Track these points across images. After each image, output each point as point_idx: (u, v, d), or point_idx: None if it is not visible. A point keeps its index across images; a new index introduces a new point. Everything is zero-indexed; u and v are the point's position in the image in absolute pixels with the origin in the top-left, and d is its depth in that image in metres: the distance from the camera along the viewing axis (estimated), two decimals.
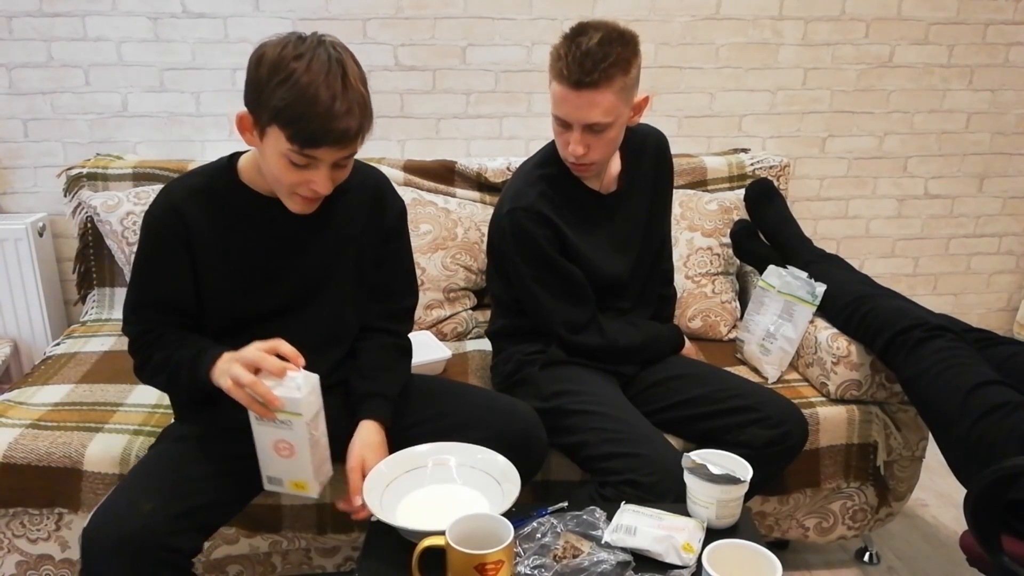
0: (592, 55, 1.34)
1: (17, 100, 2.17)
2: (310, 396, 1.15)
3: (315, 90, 1.10)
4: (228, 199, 1.27)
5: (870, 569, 1.88)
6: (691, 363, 1.68)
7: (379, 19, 2.20)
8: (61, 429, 1.53)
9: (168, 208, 1.25)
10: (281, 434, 1.17)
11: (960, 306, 2.71)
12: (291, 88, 1.10)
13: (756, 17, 2.33)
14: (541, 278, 1.54)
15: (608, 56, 1.34)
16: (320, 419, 1.20)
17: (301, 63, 1.10)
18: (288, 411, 1.14)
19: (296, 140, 1.12)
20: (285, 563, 1.63)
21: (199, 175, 1.29)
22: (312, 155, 1.14)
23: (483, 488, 1.24)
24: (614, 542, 1.12)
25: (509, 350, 1.66)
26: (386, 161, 2.15)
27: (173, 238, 1.24)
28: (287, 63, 1.10)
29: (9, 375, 2.17)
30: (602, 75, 1.35)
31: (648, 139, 1.66)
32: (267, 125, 1.14)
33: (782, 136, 2.46)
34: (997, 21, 2.42)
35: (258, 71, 1.13)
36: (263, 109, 1.13)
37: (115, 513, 1.15)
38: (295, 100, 1.10)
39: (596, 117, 1.38)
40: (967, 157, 2.56)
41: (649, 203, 1.65)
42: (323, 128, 1.11)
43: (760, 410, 1.47)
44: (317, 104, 1.09)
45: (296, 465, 1.20)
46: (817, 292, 1.74)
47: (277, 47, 1.12)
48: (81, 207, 2.07)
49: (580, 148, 1.42)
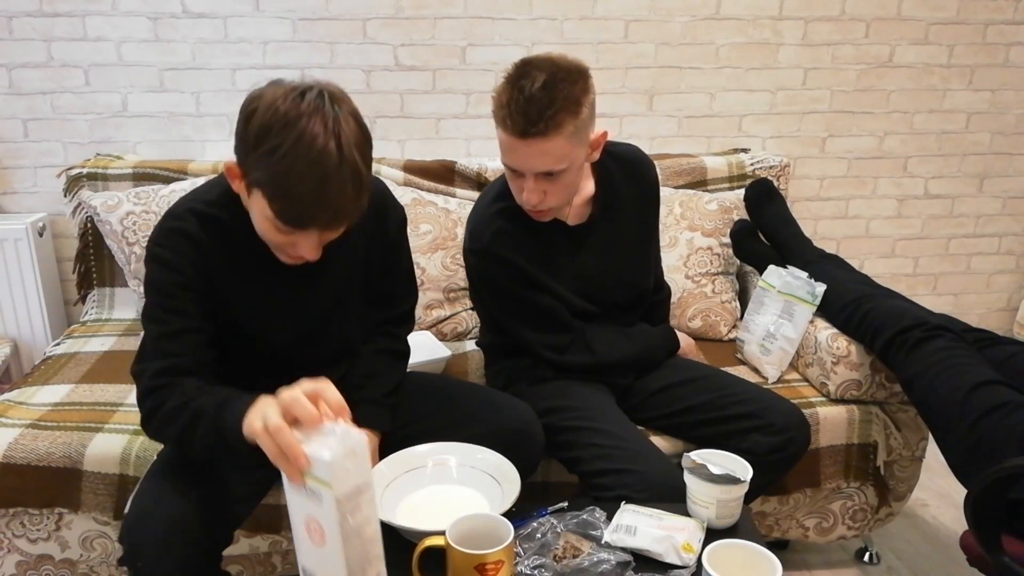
0: (536, 102, 1.24)
1: (17, 100, 2.17)
2: (346, 462, 0.87)
3: (302, 169, 1.00)
4: (237, 229, 1.19)
5: (870, 569, 1.88)
6: (692, 367, 1.65)
7: (379, 19, 2.20)
8: (61, 429, 1.53)
9: (177, 233, 1.17)
10: (311, 509, 0.90)
11: (960, 306, 2.71)
12: (278, 163, 1.00)
13: (756, 17, 2.33)
14: (513, 311, 1.52)
15: (554, 101, 1.25)
16: (366, 502, 0.91)
17: (290, 133, 1.00)
18: (316, 476, 0.88)
19: (280, 217, 1.05)
20: (285, 563, 1.63)
21: (204, 203, 1.20)
22: (298, 231, 1.08)
23: (483, 488, 1.24)
24: (614, 542, 1.12)
25: (499, 364, 1.66)
26: (386, 161, 2.15)
27: (187, 264, 1.17)
28: (277, 130, 1.01)
29: (9, 375, 2.17)
30: (549, 123, 1.25)
31: (627, 162, 1.58)
32: (252, 187, 1.07)
33: (782, 136, 2.46)
34: (997, 21, 2.42)
35: (247, 129, 1.04)
36: (249, 170, 1.06)
37: (163, 501, 1.13)
38: (281, 178, 1.01)
39: (548, 166, 1.30)
40: (967, 157, 2.56)
41: (630, 229, 1.58)
42: (308, 213, 1.04)
43: (762, 417, 1.45)
44: (303, 185, 1.01)
45: (328, 558, 0.91)
46: (817, 292, 1.74)
47: (269, 108, 1.02)
48: (81, 207, 2.07)
49: (535, 197, 1.35)
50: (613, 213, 1.56)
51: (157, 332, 1.17)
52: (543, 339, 1.53)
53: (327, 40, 2.20)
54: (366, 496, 0.91)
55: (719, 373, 1.64)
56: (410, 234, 1.97)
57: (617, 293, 1.59)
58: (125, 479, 1.49)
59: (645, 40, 2.32)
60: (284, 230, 1.08)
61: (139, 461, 1.48)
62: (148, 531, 1.12)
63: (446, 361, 1.83)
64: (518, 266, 1.47)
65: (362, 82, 2.24)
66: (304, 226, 1.07)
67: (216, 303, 1.20)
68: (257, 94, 1.05)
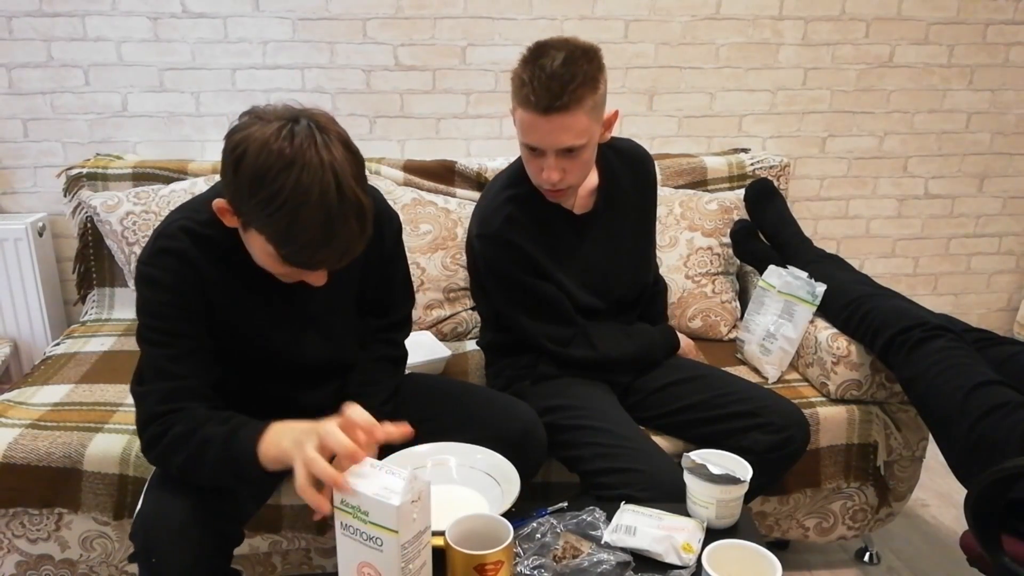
0: (559, 77, 1.28)
1: (17, 100, 2.17)
2: (412, 508, 0.88)
3: (306, 217, 0.98)
4: (230, 248, 1.16)
5: (870, 569, 1.88)
6: (692, 366, 1.66)
7: (379, 19, 2.20)
8: (61, 429, 1.53)
9: (171, 252, 1.14)
10: (367, 555, 0.90)
11: (960, 306, 2.71)
12: (278, 212, 0.98)
13: (756, 17, 2.33)
14: (518, 300, 1.52)
15: (575, 76, 1.29)
16: (425, 548, 0.92)
17: (288, 179, 0.97)
18: (376, 523, 0.87)
19: (288, 261, 1.04)
20: (285, 563, 1.63)
21: (193, 219, 1.17)
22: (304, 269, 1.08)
23: (483, 488, 1.24)
24: (614, 542, 1.12)
25: (499, 364, 1.66)
26: (386, 161, 2.15)
27: (184, 284, 1.15)
28: (272, 176, 0.97)
29: (9, 375, 2.17)
30: (571, 97, 1.29)
31: (628, 156, 1.62)
32: (250, 228, 1.05)
33: (782, 136, 2.46)
34: (997, 21, 2.42)
35: (237, 175, 1.00)
36: (246, 215, 1.04)
37: (177, 496, 1.13)
38: (284, 228, 0.99)
39: (570, 141, 1.33)
40: (967, 157, 2.56)
41: (631, 221, 1.61)
42: (318, 258, 1.04)
43: (762, 415, 1.46)
44: (308, 234, 0.99)
45: None
46: (817, 292, 1.74)
47: (261, 151, 0.98)
48: (81, 207, 2.07)
49: (556, 174, 1.37)
50: (616, 204, 1.58)
51: (157, 354, 1.14)
52: (546, 330, 1.53)
53: (327, 40, 2.20)
54: (424, 540, 0.92)
55: (719, 372, 1.64)
56: (410, 234, 1.99)
57: (620, 286, 1.61)
58: (125, 479, 1.49)
59: (645, 40, 2.32)
60: (290, 270, 1.08)
61: (139, 461, 1.48)
62: (162, 526, 1.11)
63: (446, 361, 1.83)
64: (526, 253, 1.49)
65: (362, 82, 2.24)
66: (313, 268, 1.07)
67: (211, 319, 1.19)
68: (243, 135, 1.00)
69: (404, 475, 0.89)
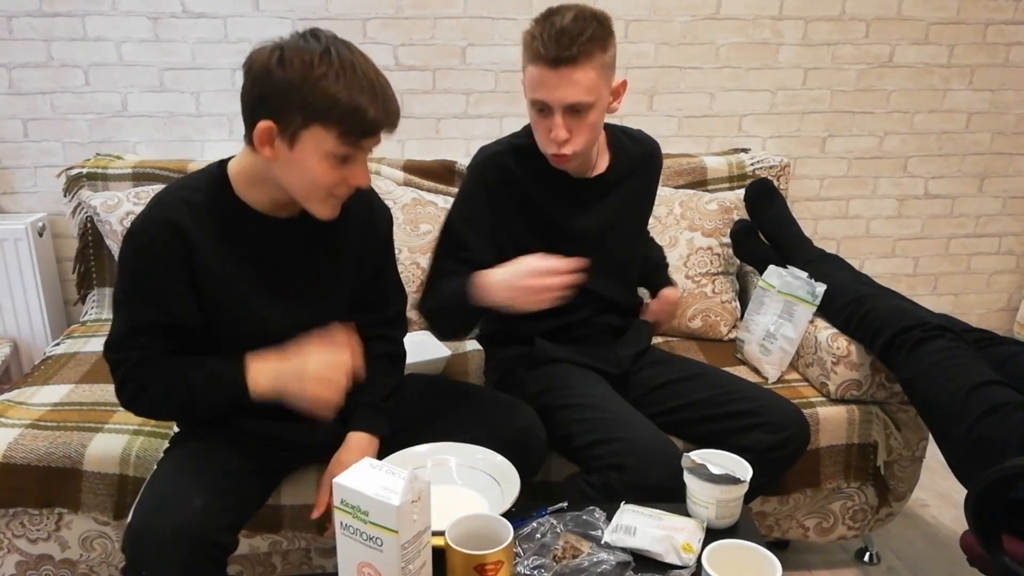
0: (568, 31, 1.30)
1: (17, 100, 2.17)
2: (413, 508, 0.89)
3: (357, 79, 1.08)
4: (225, 214, 1.21)
5: (870, 569, 1.88)
6: (693, 364, 1.66)
7: (379, 19, 2.20)
8: (61, 429, 1.53)
9: (165, 222, 1.16)
10: (367, 555, 0.90)
11: (960, 306, 2.71)
12: (343, 80, 1.07)
13: (756, 17, 2.33)
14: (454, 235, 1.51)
15: (584, 31, 1.30)
16: (425, 549, 0.93)
17: (334, 60, 1.07)
18: (376, 523, 0.88)
19: (351, 135, 1.10)
20: (285, 563, 1.63)
21: (191, 189, 1.21)
22: (363, 145, 1.13)
23: (483, 488, 1.24)
24: (614, 542, 1.12)
25: (497, 356, 1.66)
26: (386, 161, 2.15)
27: (171, 255, 1.16)
28: (318, 63, 1.06)
29: (9, 375, 2.17)
30: (580, 50, 1.30)
31: (640, 140, 1.65)
32: (302, 128, 1.09)
33: (782, 136, 2.46)
34: (997, 21, 2.42)
35: (285, 73, 1.07)
36: (298, 111, 1.08)
37: (166, 507, 1.13)
38: (353, 92, 1.07)
39: (578, 96, 1.33)
40: (967, 157, 2.56)
41: (634, 202, 1.64)
42: (377, 119, 1.10)
43: (762, 415, 1.46)
44: (364, 91, 1.08)
45: None
46: (817, 292, 1.74)
47: (295, 46, 1.08)
48: (81, 207, 2.07)
49: (563, 132, 1.36)
50: (623, 179, 1.59)
51: (130, 323, 1.20)
52: (435, 264, 1.52)
53: None
54: (424, 540, 0.92)
55: (719, 371, 1.64)
56: (410, 234, 1.99)
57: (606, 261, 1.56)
58: (125, 479, 1.49)
59: (645, 40, 2.32)
60: (345, 152, 1.12)
61: (139, 461, 1.48)
62: (152, 538, 1.11)
63: (446, 361, 1.83)
64: (518, 185, 1.49)
65: None
66: (377, 129, 1.12)
67: (201, 293, 1.21)
68: (269, 51, 1.09)
69: (404, 475, 0.89)
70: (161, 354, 1.20)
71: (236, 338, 1.25)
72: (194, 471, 1.22)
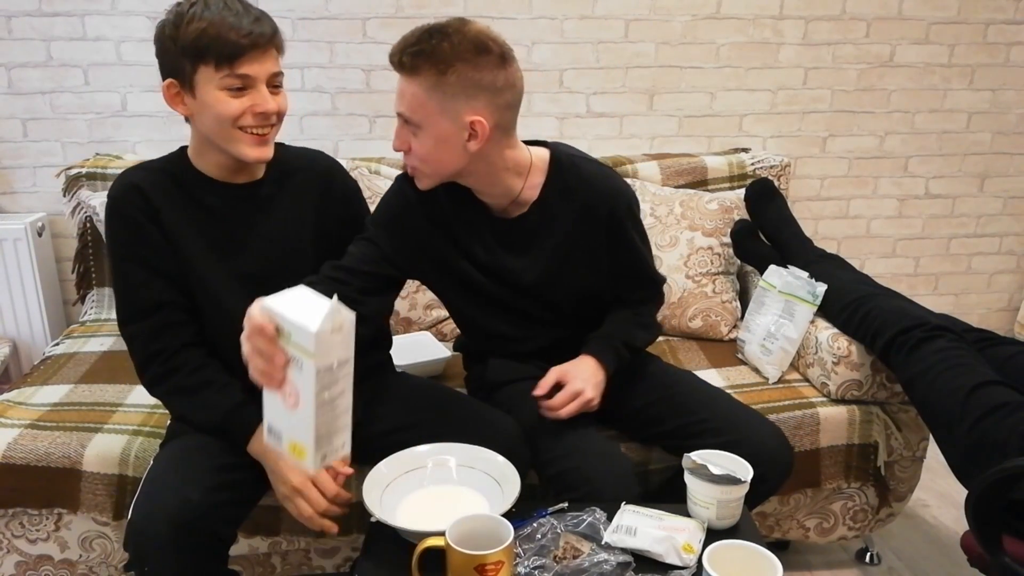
0: (408, 40, 1.24)
1: (17, 100, 2.17)
2: (333, 336, 0.90)
3: (218, 11, 1.18)
4: (183, 179, 1.31)
5: (871, 570, 1.88)
6: (667, 380, 1.52)
7: (379, 19, 2.20)
8: (60, 429, 1.53)
9: (129, 187, 1.28)
10: (289, 373, 0.93)
11: (961, 306, 2.71)
12: (198, 22, 1.17)
13: (756, 16, 2.33)
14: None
15: (421, 45, 1.21)
16: (344, 377, 0.95)
17: (197, 5, 1.19)
18: (298, 344, 0.90)
19: (223, 61, 1.18)
20: (284, 564, 1.62)
21: (152, 161, 1.35)
22: (243, 72, 1.19)
23: (483, 489, 1.24)
24: (614, 542, 1.12)
25: (471, 368, 1.64)
26: (386, 161, 2.14)
27: (139, 212, 1.27)
28: (186, 10, 1.19)
29: (8, 375, 2.16)
30: (408, 61, 1.22)
31: (591, 195, 1.38)
32: (193, 73, 1.20)
33: (783, 136, 2.46)
34: (998, 21, 2.42)
35: (164, 35, 1.21)
36: (182, 59, 1.19)
37: (164, 502, 1.14)
38: (206, 26, 1.17)
39: (402, 107, 1.26)
40: (968, 157, 2.56)
41: (558, 252, 1.40)
42: (239, 38, 1.17)
43: (741, 447, 1.30)
44: (225, 21, 1.17)
45: (298, 421, 0.95)
46: (818, 292, 1.74)
47: (170, 12, 1.21)
48: (80, 207, 2.06)
49: (398, 141, 1.29)
50: (547, 223, 1.40)
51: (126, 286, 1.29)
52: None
53: (327, 39, 2.20)
54: (345, 370, 0.94)
55: (695, 388, 1.51)
56: None
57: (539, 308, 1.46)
58: (124, 479, 1.49)
59: (645, 39, 2.32)
60: (234, 83, 1.19)
61: (138, 461, 1.48)
62: (153, 533, 1.12)
63: (445, 362, 1.83)
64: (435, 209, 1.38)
65: (362, 82, 2.24)
66: (242, 52, 1.18)
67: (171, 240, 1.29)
68: (159, 22, 1.23)
69: (329, 305, 0.90)
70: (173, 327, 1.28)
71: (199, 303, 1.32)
72: (191, 465, 1.22)
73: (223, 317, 1.30)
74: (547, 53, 2.28)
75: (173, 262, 1.29)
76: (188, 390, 1.28)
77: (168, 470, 1.23)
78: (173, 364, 1.28)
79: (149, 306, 1.28)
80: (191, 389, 1.28)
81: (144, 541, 1.12)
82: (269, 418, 0.99)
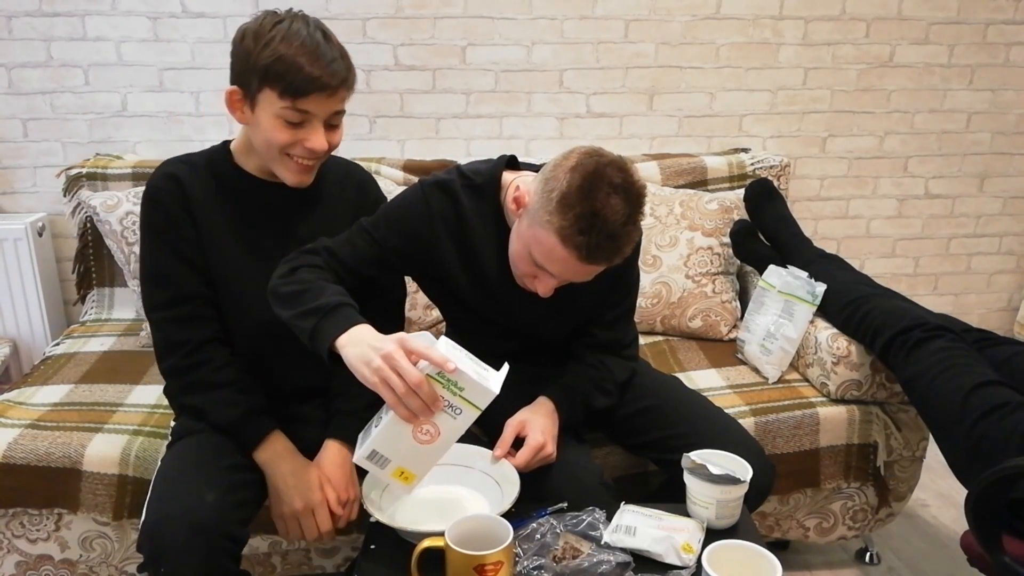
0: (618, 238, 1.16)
1: (17, 100, 2.17)
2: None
3: (300, 42, 1.17)
4: (220, 174, 1.33)
5: (871, 569, 1.88)
6: (651, 388, 1.51)
7: (379, 19, 2.20)
8: (60, 429, 1.53)
9: (168, 177, 1.30)
10: (438, 416, 1.04)
11: (960, 306, 2.71)
12: (277, 45, 1.16)
13: (756, 17, 2.33)
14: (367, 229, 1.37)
15: (632, 236, 1.18)
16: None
17: (282, 27, 1.18)
18: (465, 397, 1.03)
19: (288, 93, 1.17)
20: (285, 563, 1.62)
21: (194, 155, 1.37)
22: (304, 108, 1.19)
23: (483, 489, 1.24)
24: (614, 542, 1.12)
25: None
26: (386, 161, 2.15)
27: (173, 201, 1.29)
28: (269, 28, 1.18)
29: (8, 375, 2.16)
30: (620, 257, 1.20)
31: None
32: (258, 91, 1.19)
33: (782, 136, 2.46)
34: (997, 21, 2.42)
35: (242, 44, 1.20)
36: (252, 75, 1.18)
37: (180, 503, 1.15)
38: (283, 54, 1.16)
39: (585, 282, 1.26)
40: (967, 157, 2.56)
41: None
42: (312, 76, 1.16)
43: None
44: (303, 54, 1.16)
45: (423, 455, 1.07)
46: (817, 292, 1.74)
47: (256, 21, 1.21)
48: (80, 207, 2.06)
49: (551, 290, 1.27)
50: None
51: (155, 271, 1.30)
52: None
53: None
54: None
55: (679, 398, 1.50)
56: None
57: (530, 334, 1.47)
58: (124, 479, 1.49)
59: (645, 40, 2.32)
60: (292, 117, 1.19)
61: (139, 461, 1.48)
62: (169, 534, 1.12)
63: None
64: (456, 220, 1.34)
65: (362, 82, 2.24)
66: (308, 91, 1.17)
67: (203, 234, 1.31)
68: (240, 27, 1.22)
69: (504, 370, 1.07)
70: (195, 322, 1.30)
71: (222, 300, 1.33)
72: (203, 466, 1.23)
73: (245, 315, 1.33)
74: (547, 53, 2.29)
75: (204, 257, 1.31)
76: (210, 385, 1.29)
77: (181, 471, 1.23)
78: (196, 358, 1.29)
79: (177, 295, 1.29)
80: (213, 385, 1.29)
81: (160, 542, 1.12)
82: (378, 444, 1.06)
